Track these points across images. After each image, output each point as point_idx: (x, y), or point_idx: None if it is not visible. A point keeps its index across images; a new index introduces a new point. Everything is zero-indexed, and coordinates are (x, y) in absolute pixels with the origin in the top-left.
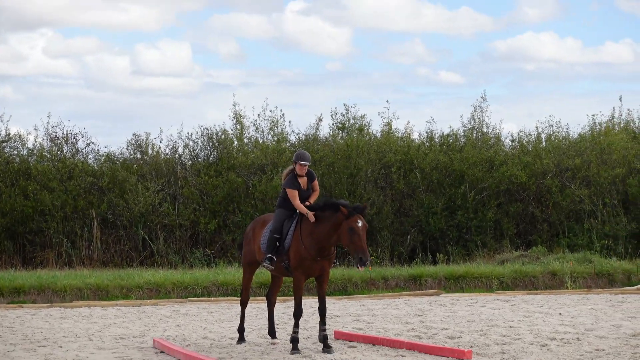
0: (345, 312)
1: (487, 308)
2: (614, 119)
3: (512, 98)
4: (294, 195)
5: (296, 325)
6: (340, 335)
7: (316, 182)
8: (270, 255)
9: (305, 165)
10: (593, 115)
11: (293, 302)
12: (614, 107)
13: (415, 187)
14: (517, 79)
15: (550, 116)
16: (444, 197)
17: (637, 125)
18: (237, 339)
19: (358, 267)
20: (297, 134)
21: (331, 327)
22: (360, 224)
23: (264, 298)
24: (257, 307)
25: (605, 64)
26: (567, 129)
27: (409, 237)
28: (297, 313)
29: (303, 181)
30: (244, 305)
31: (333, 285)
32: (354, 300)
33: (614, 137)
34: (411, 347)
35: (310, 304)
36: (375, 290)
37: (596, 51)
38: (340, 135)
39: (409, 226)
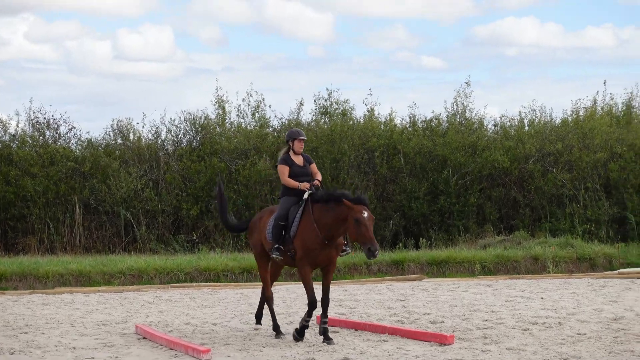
0: None
1: (469, 293)
2: (597, 104)
3: (494, 83)
4: (282, 171)
5: (309, 315)
6: None
7: (314, 166)
8: (277, 245)
9: (303, 140)
10: (577, 100)
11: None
12: (597, 91)
13: (399, 172)
14: (499, 64)
15: (533, 100)
16: (427, 181)
17: (619, 109)
18: (274, 335)
19: (368, 258)
20: (280, 119)
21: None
22: (365, 215)
23: (246, 283)
24: (239, 293)
25: (587, 48)
26: (551, 113)
27: (391, 222)
28: (311, 306)
29: (299, 160)
30: (270, 301)
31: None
32: (336, 285)
33: (596, 122)
34: (393, 332)
35: (293, 289)
36: (357, 276)
37: (577, 36)
38: (323, 119)
39: (392, 211)
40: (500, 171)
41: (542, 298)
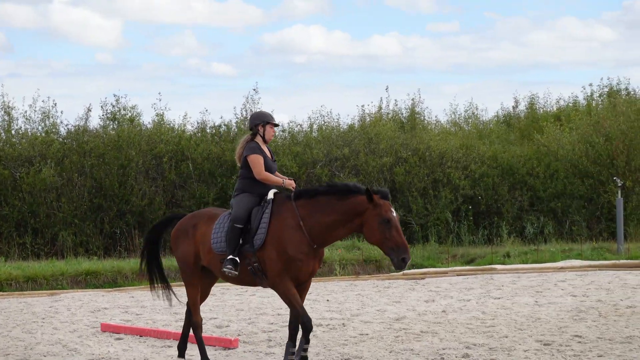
0: (114, 304)
1: (256, 297)
2: (382, 110)
3: (284, 90)
4: (259, 162)
5: (306, 340)
6: (106, 328)
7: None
8: (232, 256)
9: (275, 126)
10: (362, 106)
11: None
12: (381, 98)
13: (187, 178)
14: (288, 71)
15: (321, 106)
16: (216, 187)
17: (404, 115)
18: None
19: (397, 269)
20: (67, 125)
21: (98, 319)
22: (394, 213)
23: (31, 292)
24: (23, 302)
25: (373, 56)
26: (338, 119)
27: None
28: (307, 326)
29: (266, 151)
30: (199, 329)
31: (102, 278)
32: (123, 292)
33: (382, 127)
34: (178, 337)
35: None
36: (145, 282)
37: (364, 44)
38: (112, 126)
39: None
40: (288, 176)
41: (327, 300)
